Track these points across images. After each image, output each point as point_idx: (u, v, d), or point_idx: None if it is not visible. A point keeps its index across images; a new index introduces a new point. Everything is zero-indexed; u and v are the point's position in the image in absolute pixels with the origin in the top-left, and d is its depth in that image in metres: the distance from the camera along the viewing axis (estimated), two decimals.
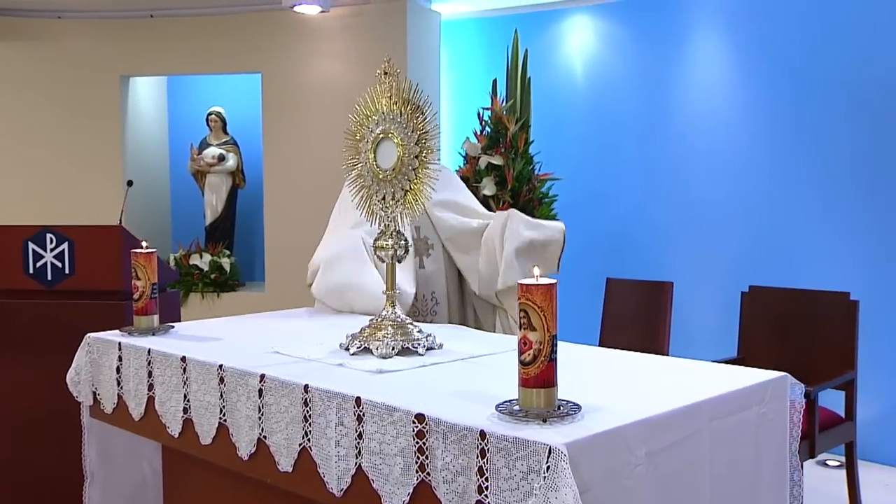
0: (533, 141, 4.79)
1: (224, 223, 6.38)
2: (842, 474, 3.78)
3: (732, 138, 5.10)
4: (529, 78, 4.83)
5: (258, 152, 6.34)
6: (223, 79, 6.54)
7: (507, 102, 4.77)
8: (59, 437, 3.45)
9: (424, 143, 2.27)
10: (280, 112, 5.83)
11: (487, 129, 4.84)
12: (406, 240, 2.35)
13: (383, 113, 2.35)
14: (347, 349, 2.28)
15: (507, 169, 4.52)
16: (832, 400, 3.58)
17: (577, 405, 1.63)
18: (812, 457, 3.39)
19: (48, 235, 3.50)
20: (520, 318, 1.61)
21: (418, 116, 2.28)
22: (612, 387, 1.88)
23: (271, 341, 2.45)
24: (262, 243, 6.49)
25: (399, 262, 2.35)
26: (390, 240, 2.33)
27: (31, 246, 3.50)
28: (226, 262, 6.10)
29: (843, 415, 3.61)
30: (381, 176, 2.33)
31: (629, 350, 2.38)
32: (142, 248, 2.68)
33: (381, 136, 2.34)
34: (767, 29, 4.91)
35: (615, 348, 2.60)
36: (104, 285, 3.49)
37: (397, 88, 2.33)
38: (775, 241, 4.91)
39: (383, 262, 2.36)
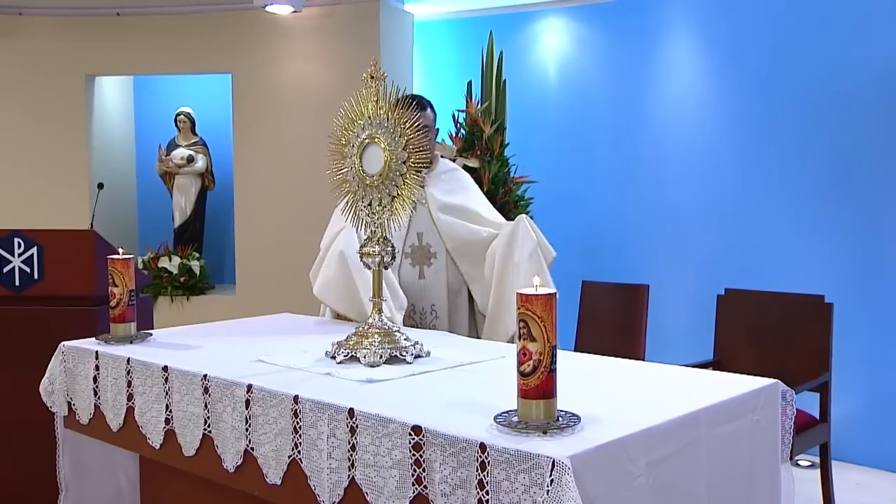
0: (508, 143, 4.78)
1: (193, 225, 6.29)
2: (814, 474, 3.82)
3: (706, 141, 5.14)
4: (505, 80, 4.82)
5: (227, 153, 6.25)
6: (190, 79, 6.44)
7: (482, 105, 4.75)
8: (29, 448, 3.35)
9: (412, 148, 2.24)
10: (251, 113, 5.75)
11: (462, 131, 4.81)
12: (393, 246, 2.32)
13: (369, 117, 2.31)
14: (334, 357, 2.24)
15: (484, 171, 4.51)
16: (807, 401, 3.62)
17: (577, 416, 1.61)
18: (790, 459, 3.42)
19: (16, 240, 3.41)
20: (519, 328, 1.59)
21: (406, 121, 2.25)
22: (607, 396, 1.87)
23: (254, 349, 2.40)
24: (231, 245, 6.40)
25: (386, 268, 2.32)
26: (377, 246, 2.30)
27: None
28: (195, 265, 6.01)
29: (817, 416, 3.65)
30: (367, 181, 2.29)
31: (606, 354, 2.37)
32: (118, 253, 2.61)
33: (366, 140, 2.31)
34: (740, 32, 4.96)
35: (591, 351, 2.62)
36: (75, 291, 3.41)
37: (384, 92, 2.30)
38: (749, 244, 4.96)
39: (369, 268, 2.32)
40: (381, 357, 2.19)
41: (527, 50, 5.70)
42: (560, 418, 1.60)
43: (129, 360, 2.36)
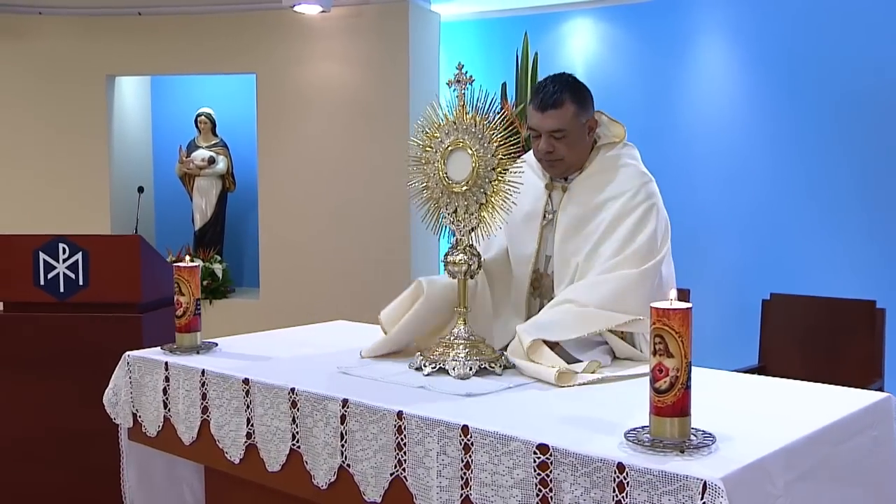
0: None
1: (213, 228, 6.21)
2: None
3: (736, 143, 5.11)
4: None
5: (246, 154, 6.18)
6: (208, 79, 6.36)
7: (517, 106, 4.69)
8: (71, 458, 3.30)
9: (501, 155, 2.18)
10: (275, 114, 5.67)
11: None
12: (478, 254, 2.26)
13: (454, 122, 2.25)
14: (419, 369, 2.18)
15: None
16: None
17: (712, 435, 1.55)
18: None
19: (61, 245, 3.33)
20: (654, 343, 1.54)
21: (496, 127, 2.19)
22: (728, 411, 1.81)
23: (329, 360, 2.34)
24: (251, 248, 6.33)
25: (471, 277, 2.26)
26: (462, 254, 2.24)
27: (43, 256, 3.33)
28: (218, 268, 5.93)
29: None
30: (452, 188, 2.23)
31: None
32: (168, 260, 2.53)
33: (450, 147, 2.24)
34: (769, 34, 4.93)
35: None
36: (120, 297, 3.34)
37: (469, 96, 2.24)
38: (781, 247, 4.93)
39: (454, 277, 2.26)
40: (470, 369, 2.13)
41: (555, 51, 5.65)
42: (694, 436, 1.55)
43: (203, 372, 2.29)
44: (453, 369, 2.13)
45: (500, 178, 2.17)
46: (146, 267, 3.35)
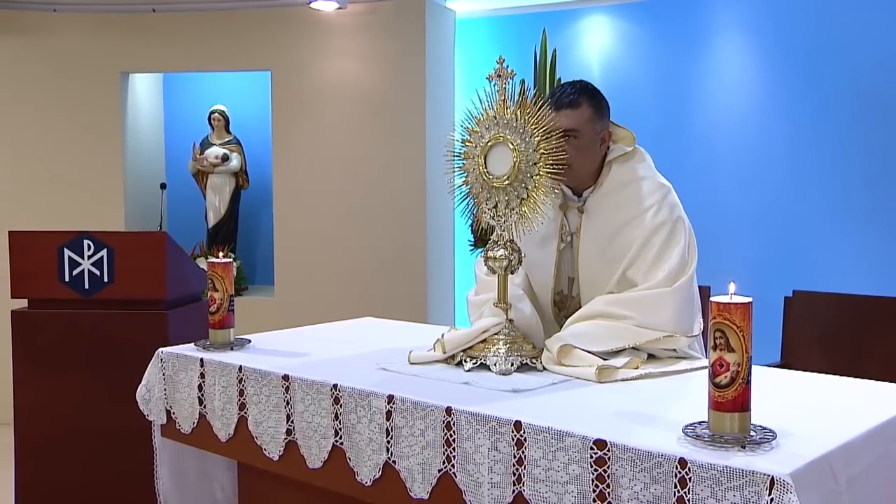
0: None
1: (227, 225, 6.18)
2: None
3: (753, 140, 5.08)
4: (560, 79, 4.75)
5: (259, 152, 6.16)
6: (220, 76, 6.34)
7: (537, 104, 4.66)
8: (102, 455, 3.28)
9: (543, 150, 2.16)
10: (290, 111, 5.65)
11: None
12: (519, 249, 2.24)
13: (495, 117, 2.23)
14: (460, 364, 2.17)
15: None
16: None
17: (772, 430, 1.54)
18: None
19: (86, 242, 3.32)
20: (714, 338, 1.52)
21: (537, 122, 2.17)
22: (784, 406, 1.79)
23: (367, 356, 2.34)
24: (263, 245, 6.31)
25: (512, 273, 2.24)
26: (502, 250, 2.22)
27: (68, 253, 3.32)
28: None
29: None
30: (493, 183, 2.21)
31: None
32: (218, 258, 2.52)
33: (491, 142, 2.23)
34: (786, 31, 4.91)
35: None
36: (146, 294, 3.33)
37: (510, 91, 2.23)
38: (799, 244, 4.91)
39: (494, 273, 2.24)
40: (512, 365, 2.12)
41: (571, 48, 5.63)
42: (754, 432, 1.53)
43: (241, 369, 2.28)
44: (495, 364, 2.12)
45: (541, 172, 2.16)
46: (171, 263, 3.34)
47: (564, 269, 2.42)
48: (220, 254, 2.56)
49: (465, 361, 2.16)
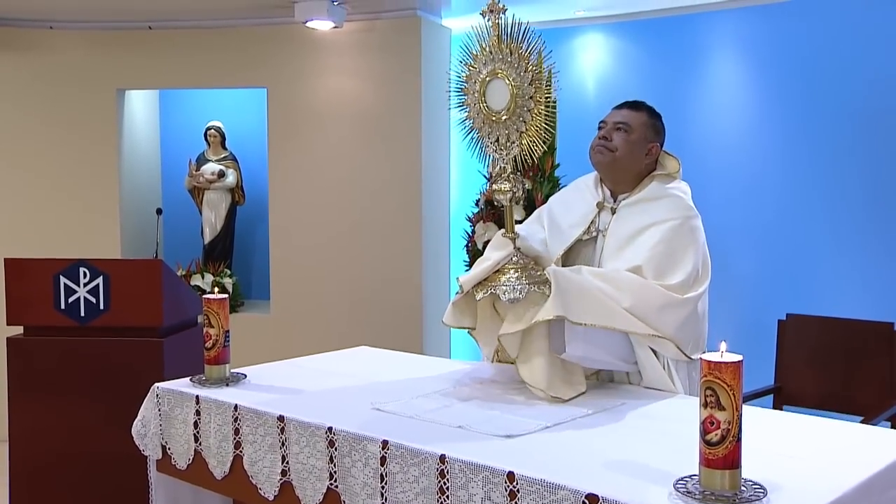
0: (559, 164, 4.73)
1: (223, 241, 6.19)
2: None
3: (749, 159, 5.10)
4: (556, 99, 4.75)
5: (255, 168, 6.17)
6: (216, 93, 6.34)
7: None
8: (97, 481, 3.29)
9: (538, 83, 2.20)
10: (287, 128, 5.67)
11: None
12: (523, 181, 2.30)
13: (491, 52, 2.26)
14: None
15: (536, 193, 4.45)
16: None
17: (762, 486, 1.56)
18: None
19: (81, 269, 3.33)
20: (705, 395, 1.54)
21: (531, 55, 2.21)
22: (774, 456, 1.80)
23: (362, 394, 2.34)
24: (258, 262, 6.32)
25: (518, 203, 2.31)
26: (507, 182, 2.27)
27: (63, 280, 3.33)
28: (228, 283, 5.92)
29: None
30: (493, 118, 2.25)
31: None
32: (213, 293, 2.53)
33: (488, 77, 2.26)
34: (785, 52, 4.93)
35: None
36: (141, 322, 3.34)
37: (503, 25, 2.24)
38: (794, 266, 4.93)
39: (500, 204, 2.30)
40: (520, 293, 2.18)
41: (567, 66, 5.65)
42: (744, 488, 1.55)
43: (236, 407, 2.29)
44: (504, 293, 2.19)
45: (537, 106, 2.19)
46: (167, 291, 3.36)
47: (584, 261, 2.52)
48: (216, 290, 2.57)
49: (477, 292, 2.24)
